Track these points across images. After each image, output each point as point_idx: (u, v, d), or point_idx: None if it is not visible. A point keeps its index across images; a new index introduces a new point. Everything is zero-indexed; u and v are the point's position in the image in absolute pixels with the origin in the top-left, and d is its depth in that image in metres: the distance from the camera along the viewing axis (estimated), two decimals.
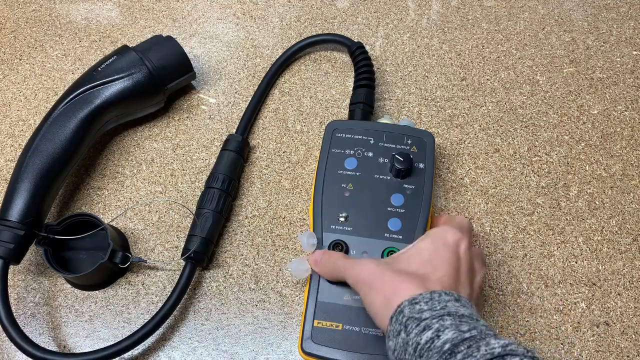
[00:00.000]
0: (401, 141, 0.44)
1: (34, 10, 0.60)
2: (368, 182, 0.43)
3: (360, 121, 0.47)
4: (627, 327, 0.42)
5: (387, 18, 0.59)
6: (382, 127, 0.45)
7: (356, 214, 0.41)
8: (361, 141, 0.44)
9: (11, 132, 0.51)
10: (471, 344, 0.27)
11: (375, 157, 0.44)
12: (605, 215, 0.47)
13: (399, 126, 0.45)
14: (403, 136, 0.44)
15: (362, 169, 0.43)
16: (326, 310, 0.38)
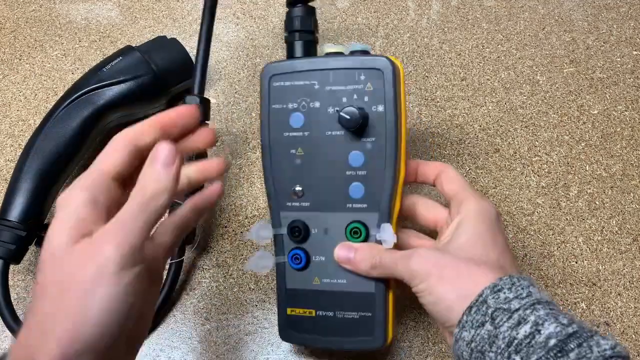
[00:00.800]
0: (352, 79, 0.34)
1: (34, 10, 0.60)
2: (319, 142, 0.35)
3: (299, 60, 0.37)
4: (628, 327, 0.42)
5: (387, 18, 0.59)
6: (325, 64, 0.35)
7: (312, 185, 0.35)
8: (304, 88, 0.35)
9: (11, 132, 0.51)
10: (581, 342, 0.25)
11: (323, 107, 0.35)
12: (606, 215, 0.47)
13: (346, 58, 0.35)
14: (354, 72, 0.34)
15: (310, 125, 0.35)
16: (297, 297, 0.36)
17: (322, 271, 0.36)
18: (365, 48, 0.36)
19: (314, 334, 0.36)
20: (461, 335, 0.29)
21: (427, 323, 0.43)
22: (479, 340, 0.27)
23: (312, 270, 0.36)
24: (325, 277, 0.36)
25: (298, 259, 0.36)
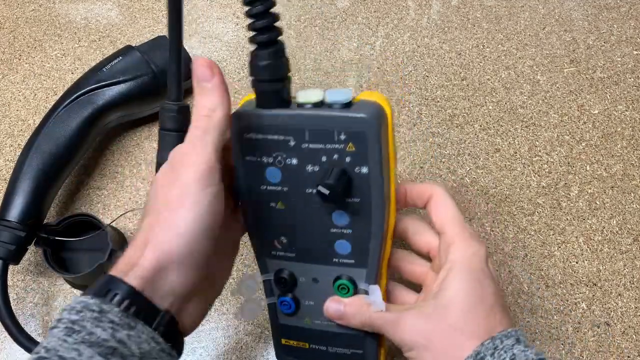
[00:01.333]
0: (331, 138, 0.29)
1: (34, 10, 0.60)
2: (300, 199, 0.32)
3: (270, 112, 0.31)
4: (628, 328, 0.42)
5: (387, 17, 0.59)
6: (300, 121, 0.30)
7: (295, 238, 0.33)
8: (279, 143, 0.31)
9: (10, 132, 0.51)
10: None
11: (302, 164, 0.31)
12: (606, 216, 0.47)
13: (323, 115, 0.30)
14: (333, 130, 0.29)
15: (288, 182, 0.32)
16: (290, 331, 0.36)
17: (312, 313, 0.35)
18: (345, 98, 0.30)
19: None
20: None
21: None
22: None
23: (303, 313, 0.36)
24: (316, 319, 0.35)
25: (287, 305, 0.35)
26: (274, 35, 0.30)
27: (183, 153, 0.29)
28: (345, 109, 0.29)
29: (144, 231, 0.28)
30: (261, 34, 0.29)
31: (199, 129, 0.28)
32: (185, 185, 0.28)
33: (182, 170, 0.28)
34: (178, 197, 0.28)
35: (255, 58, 0.30)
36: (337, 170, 0.30)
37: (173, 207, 0.27)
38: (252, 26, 0.29)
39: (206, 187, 0.28)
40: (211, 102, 0.28)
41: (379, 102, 0.30)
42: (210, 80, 0.29)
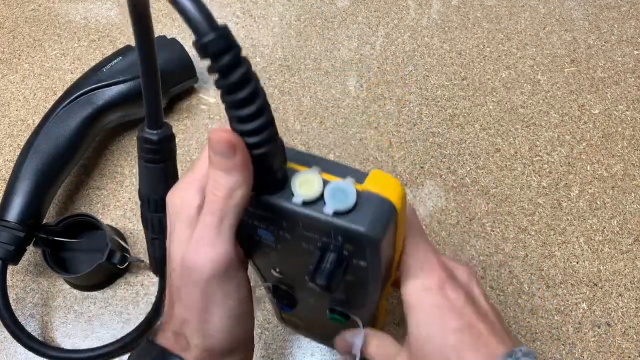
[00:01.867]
0: (327, 234, 0.26)
1: (33, 10, 0.59)
2: (294, 260, 0.29)
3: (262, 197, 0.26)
4: (629, 328, 0.42)
5: (388, 17, 0.59)
6: (293, 214, 0.26)
7: (291, 279, 0.32)
8: (271, 220, 0.27)
9: (10, 132, 0.51)
10: None
11: (295, 241, 0.28)
12: (607, 216, 0.47)
13: (318, 218, 0.25)
14: (329, 231, 0.26)
15: (281, 246, 0.29)
16: (289, 315, 0.37)
17: (310, 309, 0.35)
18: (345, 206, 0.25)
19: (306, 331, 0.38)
20: None
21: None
22: None
23: (301, 308, 0.35)
24: (311, 314, 0.35)
25: (284, 306, 0.35)
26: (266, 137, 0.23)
27: (197, 250, 0.24)
28: (343, 215, 0.25)
29: (178, 320, 0.26)
30: (251, 136, 0.23)
31: (215, 215, 0.24)
32: (206, 286, 0.25)
33: (198, 269, 0.24)
34: (202, 302, 0.25)
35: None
36: (333, 258, 0.26)
37: (200, 312, 0.25)
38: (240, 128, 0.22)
39: (229, 281, 0.25)
40: (232, 182, 0.23)
41: (389, 198, 0.25)
42: (232, 158, 0.23)
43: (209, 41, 0.20)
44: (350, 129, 0.51)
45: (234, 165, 0.23)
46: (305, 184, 0.25)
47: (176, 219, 0.26)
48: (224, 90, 0.21)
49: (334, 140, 0.50)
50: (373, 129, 0.51)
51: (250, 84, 0.22)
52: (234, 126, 0.23)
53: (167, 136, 0.29)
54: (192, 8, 0.20)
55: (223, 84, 0.21)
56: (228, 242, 0.24)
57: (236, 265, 0.25)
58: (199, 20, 0.20)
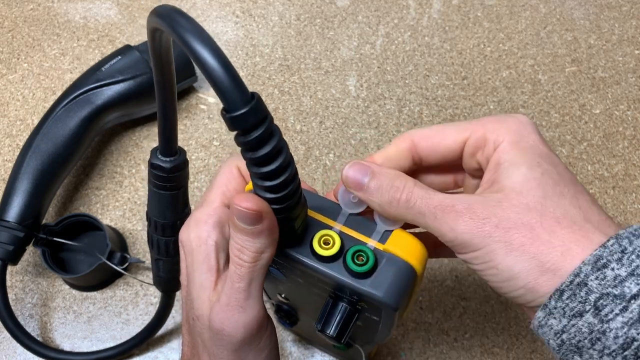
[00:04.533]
0: (342, 291, 0.25)
1: (32, 9, 0.59)
2: (303, 296, 0.30)
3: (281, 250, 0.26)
4: None
5: (388, 17, 0.58)
6: (309, 269, 0.25)
7: (299, 309, 0.32)
8: (283, 265, 0.27)
9: (9, 132, 0.51)
10: None
11: (307, 286, 0.27)
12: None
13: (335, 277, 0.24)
14: (344, 289, 0.25)
15: (291, 284, 0.28)
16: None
17: (309, 329, 0.34)
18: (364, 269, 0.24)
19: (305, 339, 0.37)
20: (547, 322, 0.21)
21: (428, 324, 0.42)
22: (575, 332, 0.21)
23: (301, 326, 0.35)
24: (312, 336, 0.35)
25: (284, 323, 0.35)
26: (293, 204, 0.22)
27: (227, 315, 0.23)
28: (362, 278, 0.24)
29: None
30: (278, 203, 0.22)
31: (244, 279, 0.23)
32: (239, 348, 0.24)
33: (231, 333, 0.23)
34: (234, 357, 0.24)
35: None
36: (345, 309, 0.25)
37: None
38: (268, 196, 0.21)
39: (261, 338, 0.24)
40: (258, 246, 0.22)
41: (410, 262, 0.24)
42: (257, 222, 0.21)
43: (240, 115, 0.19)
44: (350, 129, 0.51)
45: (261, 231, 0.22)
46: (325, 242, 0.24)
47: (194, 260, 0.25)
48: (253, 162, 0.20)
49: (334, 140, 0.50)
50: (373, 129, 0.51)
51: (281, 155, 0.21)
52: (260, 192, 0.22)
53: (180, 164, 0.27)
54: (223, 76, 0.18)
55: (252, 156, 0.20)
56: (258, 304, 0.24)
57: (266, 322, 0.25)
58: (230, 91, 0.18)
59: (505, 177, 0.23)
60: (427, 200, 0.23)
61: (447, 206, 0.23)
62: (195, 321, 0.25)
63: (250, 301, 0.23)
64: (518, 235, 0.22)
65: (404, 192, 0.24)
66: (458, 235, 0.22)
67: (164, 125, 0.25)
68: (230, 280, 0.23)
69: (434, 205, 0.23)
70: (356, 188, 0.24)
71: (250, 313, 0.23)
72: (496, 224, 0.22)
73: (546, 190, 0.22)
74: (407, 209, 0.23)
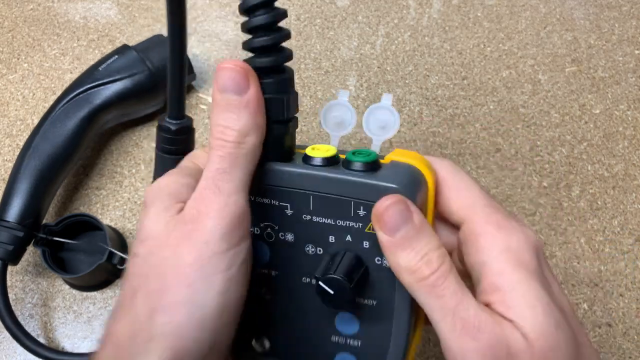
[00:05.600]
0: (345, 211, 0.21)
1: (32, 9, 0.59)
2: (294, 289, 0.24)
3: (264, 166, 0.22)
4: (630, 328, 0.42)
5: (388, 17, 0.58)
6: (305, 182, 0.21)
7: (282, 343, 0.25)
8: (270, 210, 0.22)
9: (9, 132, 0.51)
10: None
11: (299, 243, 0.23)
12: (608, 216, 0.47)
13: (338, 177, 0.21)
14: (347, 200, 0.21)
15: (279, 264, 0.24)
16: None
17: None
18: (368, 158, 0.21)
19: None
20: None
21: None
22: None
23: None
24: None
25: None
26: (281, 58, 0.22)
27: (201, 197, 0.20)
28: (369, 172, 0.21)
29: (138, 317, 0.19)
30: (262, 56, 0.21)
31: (225, 160, 0.20)
32: (206, 246, 0.19)
33: (200, 222, 0.19)
34: (196, 266, 0.19)
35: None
36: (348, 257, 0.21)
37: (189, 281, 0.19)
38: (250, 44, 0.21)
39: (237, 244, 0.20)
40: (243, 124, 0.20)
41: (416, 166, 0.22)
42: (243, 93, 0.20)
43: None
44: None
45: (246, 103, 0.20)
46: (319, 149, 0.22)
47: (152, 202, 0.21)
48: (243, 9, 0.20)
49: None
50: None
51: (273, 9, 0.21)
52: (250, 62, 0.21)
53: (186, 127, 0.27)
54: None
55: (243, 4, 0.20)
56: (241, 194, 0.20)
57: (247, 227, 0.20)
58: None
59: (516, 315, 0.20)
60: (456, 303, 0.20)
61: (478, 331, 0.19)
62: (134, 259, 0.20)
63: (231, 185, 0.20)
64: None
65: (436, 273, 0.20)
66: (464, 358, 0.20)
67: (172, 87, 0.26)
68: (210, 163, 0.20)
69: (462, 317, 0.20)
70: (387, 230, 0.20)
71: (229, 197, 0.19)
72: None
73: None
74: (428, 293, 0.20)
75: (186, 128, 0.27)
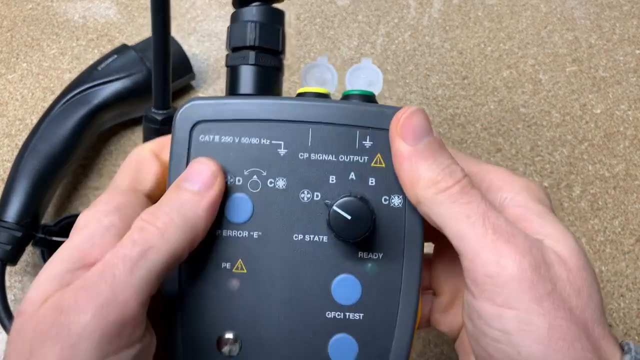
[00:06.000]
0: (348, 143, 0.20)
1: (31, 9, 0.59)
2: (279, 252, 0.20)
3: (252, 99, 0.20)
4: (630, 329, 0.42)
5: (388, 16, 0.58)
6: (300, 112, 0.19)
7: (257, 334, 0.20)
8: (258, 151, 0.20)
9: (8, 132, 0.51)
10: None
11: (292, 189, 0.20)
12: (609, 216, 0.46)
13: (339, 104, 0.20)
14: (352, 131, 0.20)
15: (263, 221, 0.20)
16: None
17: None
18: (367, 93, 0.21)
19: None
20: None
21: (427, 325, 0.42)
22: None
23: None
24: None
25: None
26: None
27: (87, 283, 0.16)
28: (370, 104, 0.20)
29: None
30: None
31: (137, 247, 0.17)
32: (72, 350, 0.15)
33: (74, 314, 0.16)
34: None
35: (239, 15, 0.20)
36: (353, 198, 0.19)
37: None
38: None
39: (115, 352, 0.16)
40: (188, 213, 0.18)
41: None
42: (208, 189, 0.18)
43: None
44: None
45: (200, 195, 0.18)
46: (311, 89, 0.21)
47: (71, 239, 0.19)
48: None
49: None
50: None
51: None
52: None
53: (171, 117, 0.27)
54: None
55: None
56: (138, 293, 0.16)
57: (133, 337, 0.17)
58: None
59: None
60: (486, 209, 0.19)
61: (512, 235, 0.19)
62: (21, 318, 0.17)
63: (131, 279, 0.16)
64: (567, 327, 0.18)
65: (461, 182, 0.19)
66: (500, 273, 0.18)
67: (157, 77, 0.25)
68: (120, 245, 0.17)
69: (493, 222, 0.19)
70: (410, 138, 0.20)
71: (124, 295, 0.16)
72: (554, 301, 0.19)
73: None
74: (453, 202, 0.19)
75: (172, 118, 0.27)
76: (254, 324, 0.20)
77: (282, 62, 0.22)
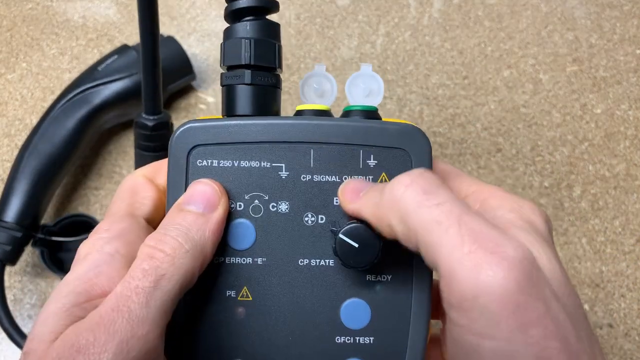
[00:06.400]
0: (353, 162, 0.19)
1: (31, 9, 0.59)
2: (285, 278, 0.20)
3: (250, 120, 0.19)
4: (631, 329, 0.42)
5: (388, 16, 0.58)
6: (301, 132, 0.19)
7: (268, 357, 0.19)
8: (260, 175, 0.19)
9: (7, 132, 0.51)
10: None
11: (296, 212, 0.19)
12: (609, 216, 0.46)
13: (341, 123, 0.19)
14: (355, 150, 0.19)
15: (268, 247, 0.20)
16: None
17: None
18: (368, 109, 0.20)
19: None
20: None
21: None
22: None
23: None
24: None
25: None
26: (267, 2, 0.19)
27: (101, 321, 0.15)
28: (372, 120, 0.20)
29: None
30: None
31: (149, 277, 0.16)
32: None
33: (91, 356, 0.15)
34: None
35: (233, 32, 0.19)
36: (359, 225, 0.18)
37: None
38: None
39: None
40: (195, 236, 0.17)
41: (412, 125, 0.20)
42: (211, 211, 0.17)
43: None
44: None
45: (204, 219, 0.17)
46: (310, 106, 0.20)
47: (74, 270, 0.19)
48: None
49: None
50: None
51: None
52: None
53: (164, 123, 0.26)
54: None
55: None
56: (156, 323, 0.16)
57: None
58: None
59: None
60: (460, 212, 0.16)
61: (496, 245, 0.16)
62: (24, 351, 0.17)
63: (147, 311, 0.15)
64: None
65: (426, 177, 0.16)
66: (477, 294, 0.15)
67: (146, 81, 0.24)
68: (129, 276, 0.16)
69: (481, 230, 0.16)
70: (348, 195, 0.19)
71: (142, 329, 0.15)
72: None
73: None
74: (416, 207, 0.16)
75: (164, 123, 0.26)
76: (262, 352, 0.19)
77: (279, 77, 0.21)
